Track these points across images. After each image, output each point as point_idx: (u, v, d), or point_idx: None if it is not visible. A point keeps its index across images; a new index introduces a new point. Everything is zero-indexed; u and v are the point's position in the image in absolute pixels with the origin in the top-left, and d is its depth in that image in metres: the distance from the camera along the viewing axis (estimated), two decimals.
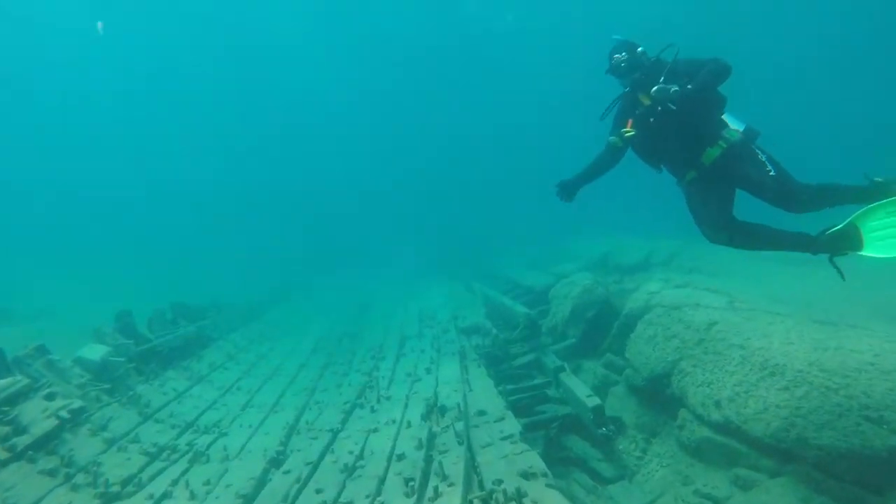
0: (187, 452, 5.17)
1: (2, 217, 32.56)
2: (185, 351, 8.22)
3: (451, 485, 3.77)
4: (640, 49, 4.18)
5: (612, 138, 4.25)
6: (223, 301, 12.36)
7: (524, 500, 3.42)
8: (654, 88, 3.80)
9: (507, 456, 4.15)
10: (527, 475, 3.78)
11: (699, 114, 3.91)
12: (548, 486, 3.62)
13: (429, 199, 42.51)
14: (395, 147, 45.86)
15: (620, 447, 5.52)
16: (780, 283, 7.22)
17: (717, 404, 4.64)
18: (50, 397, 5.19)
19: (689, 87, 3.74)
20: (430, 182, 45.22)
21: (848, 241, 3.47)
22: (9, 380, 5.15)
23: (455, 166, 45.26)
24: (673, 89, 3.74)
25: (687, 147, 3.98)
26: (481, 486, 3.83)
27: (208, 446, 5.35)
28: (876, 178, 3.61)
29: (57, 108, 42.38)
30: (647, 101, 4.02)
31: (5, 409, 4.83)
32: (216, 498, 4.24)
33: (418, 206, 41.31)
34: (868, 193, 3.59)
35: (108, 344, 6.78)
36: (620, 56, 4.16)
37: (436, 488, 3.75)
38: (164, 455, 5.07)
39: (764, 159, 3.78)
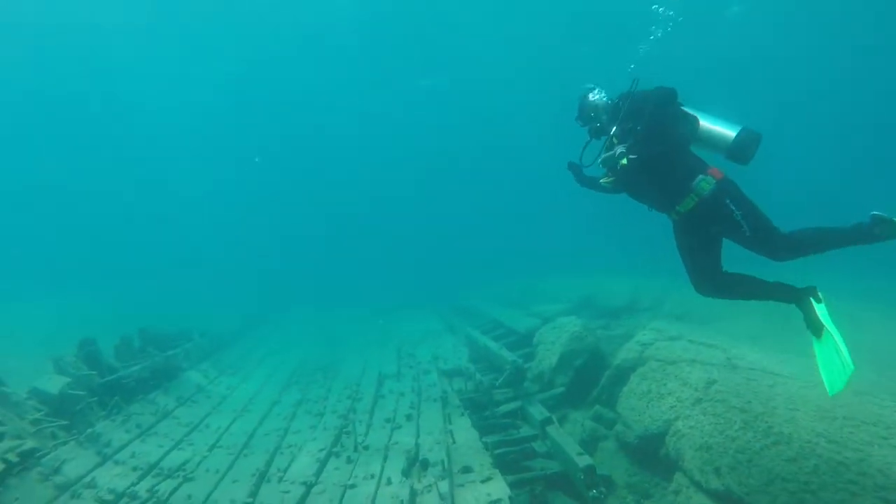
0: (147, 501, 4.78)
1: None
2: (151, 383, 7.76)
3: None
4: (604, 99, 4.09)
5: (602, 181, 4.12)
6: (196, 326, 11.89)
7: None
8: (601, 159, 3.81)
9: None
10: None
11: (661, 164, 3.64)
12: None
13: (406, 230, 42.24)
14: (376, 178, 45.22)
15: None
16: (772, 339, 7.04)
17: (717, 471, 4.37)
18: None
19: (638, 128, 3.59)
20: (407, 212, 45.04)
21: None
22: None
23: (432, 198, 45.22)
24: (619, 151, 3.59)
25: (659, 198, 3.83)
26: None
27: (171, 493, 4.96)
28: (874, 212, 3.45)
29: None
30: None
31: None
32: None
33: (395, 237, 40.99)
34: (849, 235, 3.49)
35: (69, 375, 6.34)
36: (585, 105, 4.13)
37: None
38: None
39: (738, 217, 3.49)
